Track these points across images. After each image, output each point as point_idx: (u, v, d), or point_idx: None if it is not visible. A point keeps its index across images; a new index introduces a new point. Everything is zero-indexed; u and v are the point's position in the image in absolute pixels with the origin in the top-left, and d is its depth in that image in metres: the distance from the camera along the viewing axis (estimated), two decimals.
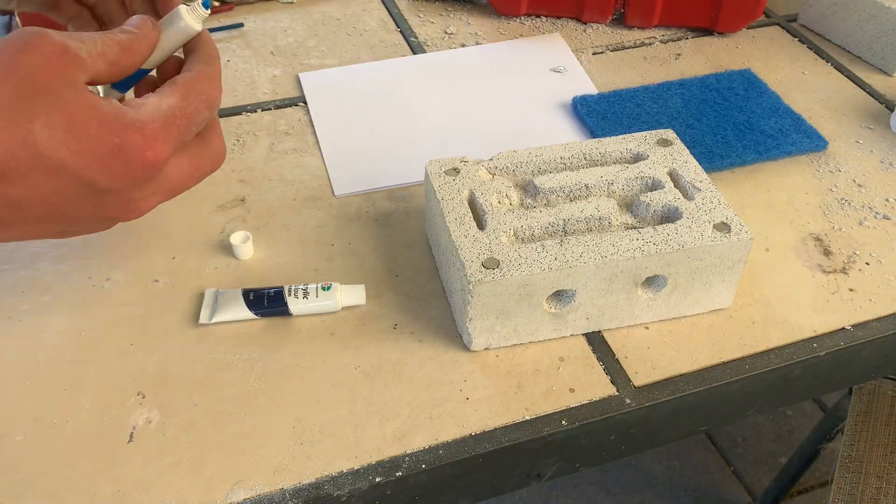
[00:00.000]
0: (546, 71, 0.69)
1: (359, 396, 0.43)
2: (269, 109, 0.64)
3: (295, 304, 0.46)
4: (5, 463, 0.39)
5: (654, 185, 0.48)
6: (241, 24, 0.74)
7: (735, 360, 0.46)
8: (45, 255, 0.50)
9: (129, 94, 0.43)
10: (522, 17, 0.76)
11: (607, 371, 0.45)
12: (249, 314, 0.46)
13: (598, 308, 0.45)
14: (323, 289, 0.46)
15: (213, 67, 0.40)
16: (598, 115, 0.63)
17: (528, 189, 0.48)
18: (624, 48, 0.73)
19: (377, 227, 0.53)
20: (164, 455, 0.40)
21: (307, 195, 0.56)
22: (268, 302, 0.46)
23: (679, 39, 0.74)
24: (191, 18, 0.41)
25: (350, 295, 0.47)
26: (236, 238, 0.50)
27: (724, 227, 0.45)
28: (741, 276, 0.47)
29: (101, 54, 0.36)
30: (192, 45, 0.41)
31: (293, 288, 0.47)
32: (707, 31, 0.75)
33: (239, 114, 0.63)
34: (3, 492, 0.38)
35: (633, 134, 0.52)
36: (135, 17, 0.39)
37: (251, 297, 0.46)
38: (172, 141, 0.37)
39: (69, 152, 0.34)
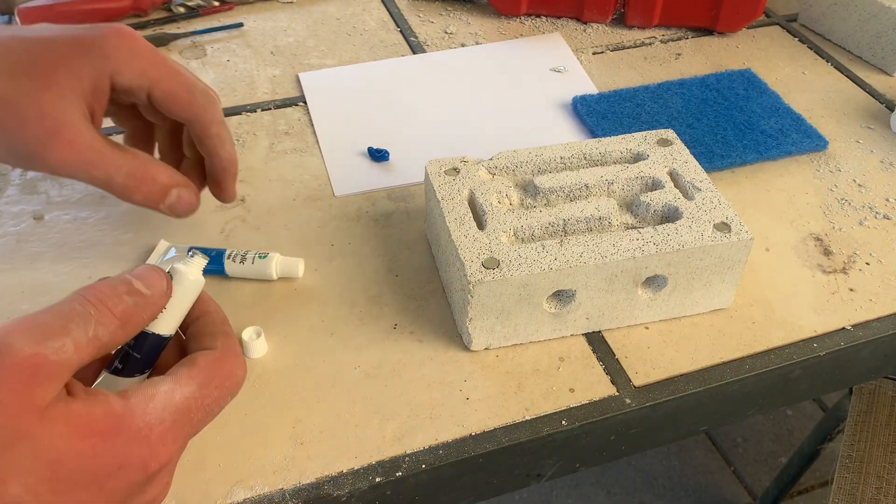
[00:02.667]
0: (546, 71, 0.69)
1: (359, 396, 0.43)
2: (269, 109, 0.64)
3: (231, 267, 0.48)
4: None
5: (655, 185, 0.48)
6: (241, 24, 0.74)
7: (735, 360, 0.46)
8: (44, 255, 0.50)
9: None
10: (522, 17, 0.76)
11: (607, 371, 0.45)
12: None
13: (598, 308, 0.45)
14: (259, 257, 0.48)
15: (234, 339, 0.34)
16: (598, 114, 0.63)
17: (528, 189, 0.48)
18: (624, 48, 0.73)
19: (377, 227, 0.53)
20: None
21: (307, 195, 0.56)
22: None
23: (679, 39, 0.74)
24: (193, 271, 0.34)
25: (286, 266, 0.48)
26: (247, 334, 0.45)
27: (724, 227, 0.45)
28: (741, 276, 0.47)
29: (92, 340, 0.28)
30: (203, 308, 0.34)
31: (233, 252, 0.49)
32: (707, 31, 0.75)
33: (239, 114, 0.63)
34: None
35: (633, 134, 0.52)
36: (144, 268, 0.32)
37: (191, 255, 0.45)
38: (182, 439, 0.30)
39: (57, 496, 0.26)
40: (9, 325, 0.27)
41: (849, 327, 0.48)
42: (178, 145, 0.48)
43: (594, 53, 0.72)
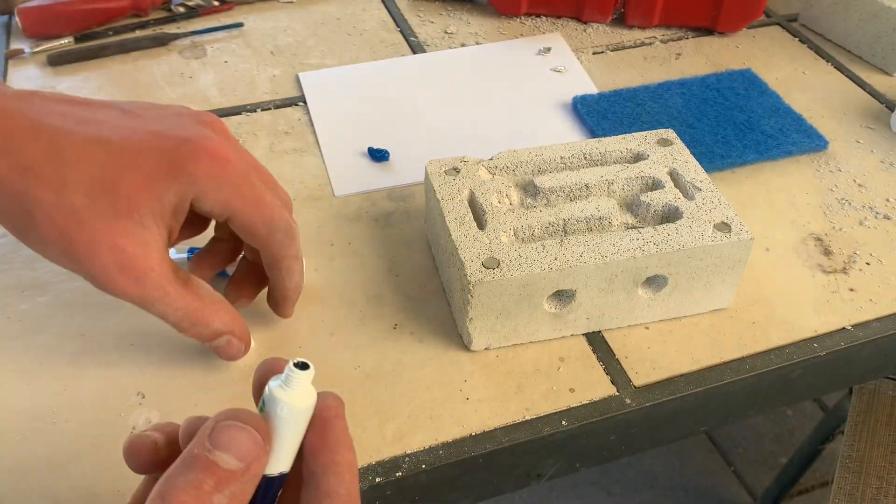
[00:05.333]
0: (546, 71, 0.69)
1: (359, 396, 0.43)
2: (269, 109, 0.64)
3: (232, 267, 0.47)
4: (4, 462, 0.39)
5: (655, 185, 0.48)
6: (241, 24, 0.74)
7: (735, 360, 0.46)
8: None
9: None
10: (522, 17, 0.76)
11: (607, 371, 0.45)
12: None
13: (599, 308, 0.45)
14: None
15: (341, 482, 0.28)
16: (599, 114, 0.63)
17: (528, 189, 0.48)
18: (624, 48, 0.73)
19: (377, 227, 0.53)
20: None
21: (307, 195, 0.56)
22: None
23: (679, 39, 0.74)
24: (292, 395, 0.27)
25: None
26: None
27: (724, 227, 0.44)
28: (741, 275, 0.47)
29: None
30: (316, 442, 0.29)
31: None
32: (707, 31, 0.75)
33: (239, 114, 0.63)
34: (2, 491, 0.38)
35: (633, 134, 0.52)
36: (229, 431, 0.26)
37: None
38: None
39: None
40: None
41: (849, 327, 0.48)
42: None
43: (594, 53, 0.72)
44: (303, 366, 0.28)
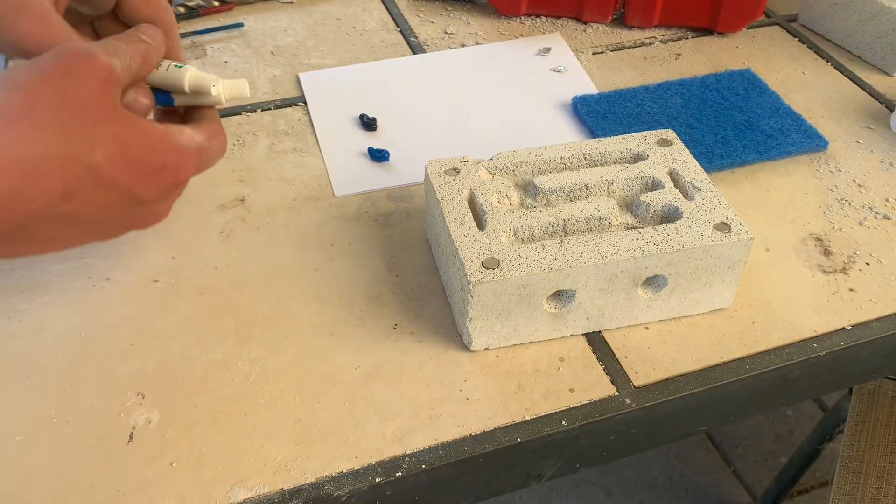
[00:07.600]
0: (546, 71, 0.69)
1: (359, 396, 0.43)
2: (269, 109, 0.64)
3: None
4: (5, 463, 0.39)
5: (654, 185, 0.48)
6: (241, 24, 0.74)
7: (735, 360, 0.46)
8: (44, 255, 0.50)
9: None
10: (522, 17, 0.76)
11: (607, 371, 0.45)
12: None
13: (598, 308, 0.45)
14: (176, 66, 0.43)
15: (221, 130, 0.44)
16: (598, 114, 0.63)
17: (528, 189, 0.48)
18: (624, 48, 0.73)
19: (377, 227, 0.53)
20: (164, 455, 0.40)
21: (307, 195, 0.56)
22: None
23: (679, 39, 0.74)
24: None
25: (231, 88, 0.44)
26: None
27: (724, 227, 0.45)
28: (741, 276, 0.47)
29: (127, 67, 0.38)
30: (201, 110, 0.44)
31: None
32: (707, 31, 0.75)
33: (239, 114, 0.63)
34: (2, 492, 0.38)
35: (633, 134, 0.52)
36: (145, 25, 0.42)
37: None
38: (195, 168, 0.41)
39: (123, 172, 0.36)
40: (83, 42, 0.37)
41: (849, 327, 0.48)
42: None
43: (594, 53, 0.72)
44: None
